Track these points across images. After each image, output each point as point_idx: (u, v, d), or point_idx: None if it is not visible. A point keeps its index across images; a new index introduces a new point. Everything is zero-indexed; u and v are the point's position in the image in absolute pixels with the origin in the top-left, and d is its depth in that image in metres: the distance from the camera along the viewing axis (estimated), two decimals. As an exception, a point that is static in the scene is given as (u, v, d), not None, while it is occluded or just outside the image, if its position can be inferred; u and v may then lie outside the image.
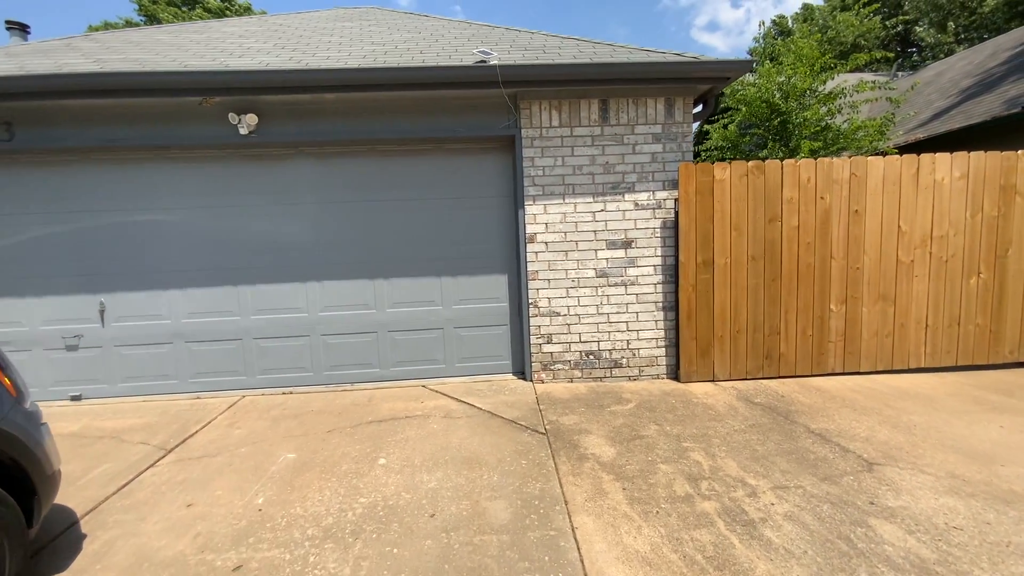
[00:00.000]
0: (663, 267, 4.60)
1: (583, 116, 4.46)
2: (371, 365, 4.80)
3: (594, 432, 3.57)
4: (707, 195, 4.40)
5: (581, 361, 4.64)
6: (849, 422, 3.60)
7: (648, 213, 4.55)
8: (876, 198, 4.42)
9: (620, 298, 4.61)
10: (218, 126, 4.31)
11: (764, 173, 4.39)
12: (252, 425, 3.91)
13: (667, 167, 4.52)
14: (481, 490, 2.85)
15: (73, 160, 4.45)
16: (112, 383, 4.67)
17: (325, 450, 3.43)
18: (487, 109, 4.45)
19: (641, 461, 3.13)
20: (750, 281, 4.48)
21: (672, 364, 4.67)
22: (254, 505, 2.78)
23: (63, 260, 4.54)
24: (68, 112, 4.25)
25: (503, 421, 3.80)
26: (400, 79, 4.05)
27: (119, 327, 4.63)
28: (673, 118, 4.50)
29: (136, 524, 2.66)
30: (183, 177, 4.53)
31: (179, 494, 2.94)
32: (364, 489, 2.90)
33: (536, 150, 4.46)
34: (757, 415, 3.79)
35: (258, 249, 4.62)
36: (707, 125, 9.62)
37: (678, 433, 3.52)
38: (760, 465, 3.03)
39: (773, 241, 4.45)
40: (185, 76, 3.94)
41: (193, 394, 4.65)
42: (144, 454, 3.48)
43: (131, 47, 4.91)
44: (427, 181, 4.68)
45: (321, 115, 4.39)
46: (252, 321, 4.68)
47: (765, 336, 4.53)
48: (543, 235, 4.53)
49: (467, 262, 4.75)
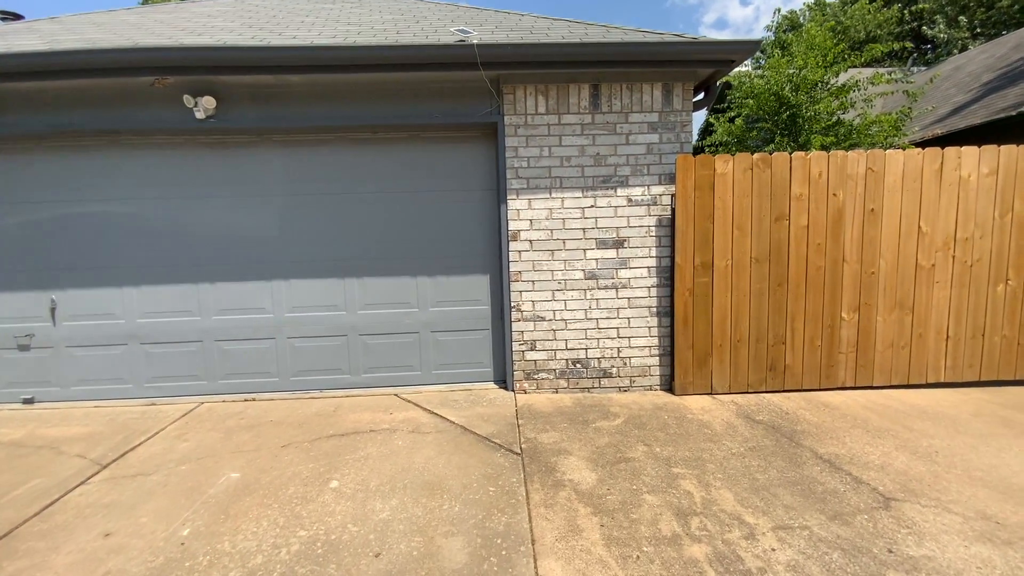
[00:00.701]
0: (658, 269, 4.21)
1: (572, 103, 4.07)
2: (341, 371, 4.45)
3: (575, 453, 3.20)
4: (707, 191, 4.00)
5: (567, 370, 4.27)
6: (862, 446, 3.21)
7: (642, 210, 4.17)
8: (894, 196, 4.01)
9: (611, 302, 4.23)
10: (174, 110, 3.96)
11: (771, 167, 3.99)
12: (202, 437, 3.57)
13: (664, 159, 4.13)
14: (438, 523, 2.49)
15: (25, 148, 4.11)
16: (64, 386, 4.34)
17: (275, 469, 3.08)
18: (467, 94, 4.07)
19: (624, 490, 2.75)
20: (753, 285, 4.09)
21: (666, 375, 4.29)
22: (177, 537, 2.43)
23: (13, 253, 4.21)
24: (20, 96, 3.92)
25: (475, 438, 3.44)
26: (369, 59, 3.68)
27: (71, 326, 4.30)
28: (671, 106, 4.11)
29: (46, 555, 2.33)
30: (137, 165, 4.18)
31: (101, 519, 2.60)
32: (307, 519, 2.55)
33: (520, 139, 4.07)
34: (758, 435, 3.40)
35: (219, 244, 4.27)
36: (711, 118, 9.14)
37: (668, 456, 3.14)
38: (760, 498, 2.65)
39: (780, 242, 4.06)
40: (134, 54, 3.59)
41: (148, 400, 4.31)
42: (78, 469, 3.14)
43: (92, 28, 4.56)
44: (402, 173, 4.31)
45: (286, 100, 4.03)
46: (213, 322, 4.34)
47: (769, 346, 4.14)
48: (527, 232, 4.15)
49: (445, 261, 4.38)
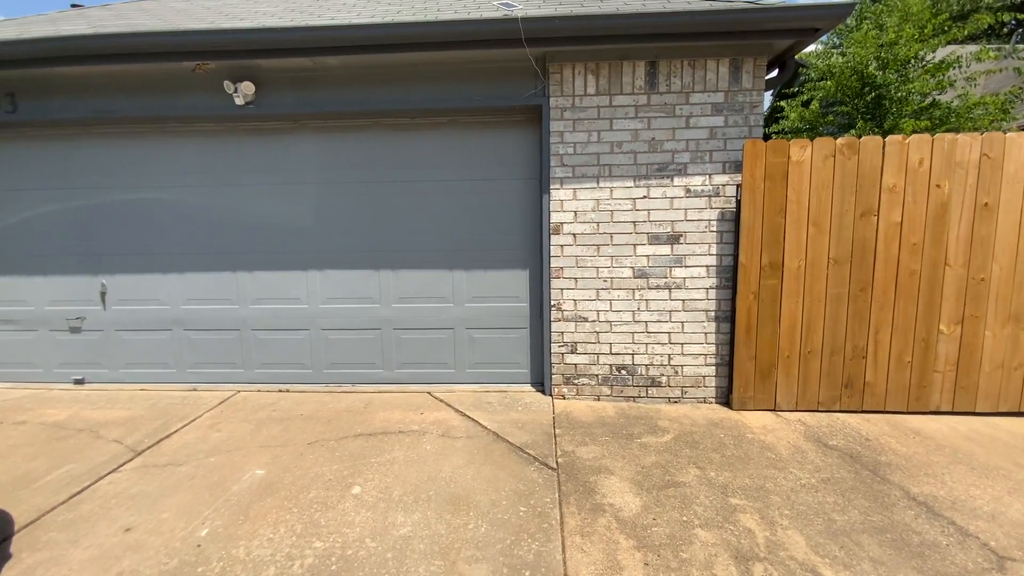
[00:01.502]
0: (718, 269, 3.77)
1: (625, 82, 3.67)
2: (374, 365, 4.32)
3: (617, 472, 2.88)
4: (779, 180, 3.51)
5: (611, 376, 3.93)
6: (965, 487, 2.69)
7: (702, 202, 3.73)
8: (1015, 188, 3.36)
9: (662, 304, 3.84)
10: (215, 96, 3.91)
11: (858, 153, 3.44)
12: (234, 428, 3.52)
13: (729, 145, 3.66)
14: (462, 546, 2.26)
15: (73, 134, 4.22)
16: (113, 368, 4.48)
17: (299, 468, 2.96)
18: (511, 75, 3.77)
19: (673, 522, 2.41)
20: (830, 290, 3.57)
21: (723, 387, 3.86)
22: (195, 538, 2.33)
23: (66, 238, 4.35)
24: (66, 81, 4.00)
25: (508, 447, 3.18)
26: (406, 37, 3.45)
27: (120, 311, 4.41)
28: (740, 84, 3.63)
29: (65, 549, 2.29)
30: (181, 152, 4.19)
31: (125, 512, 2.56)
32: (325, 528, 2.39)
33: (567, 123, 3.73)
34: (833, 465, 2.94)
35: (257, 232, 4.22)
36: (782, 102, 8.28)
37: (725, 483, 2.75)
38: (839, 545, 2.23)
39: (865, 240, 3.51)
40: (173, 37, 3.54)
41: (190, 385, 4.37)
42: (112, 455, 3.16)
43: (139, 14, 4.61)
44: (439, 160, 4.08)
45: (324, 83, 3.89)
46: (250, 311, 4.32)
47: (846, 359, 3.61)
48: (571, 225, 3.82)
49: (482, 254, 4.13)
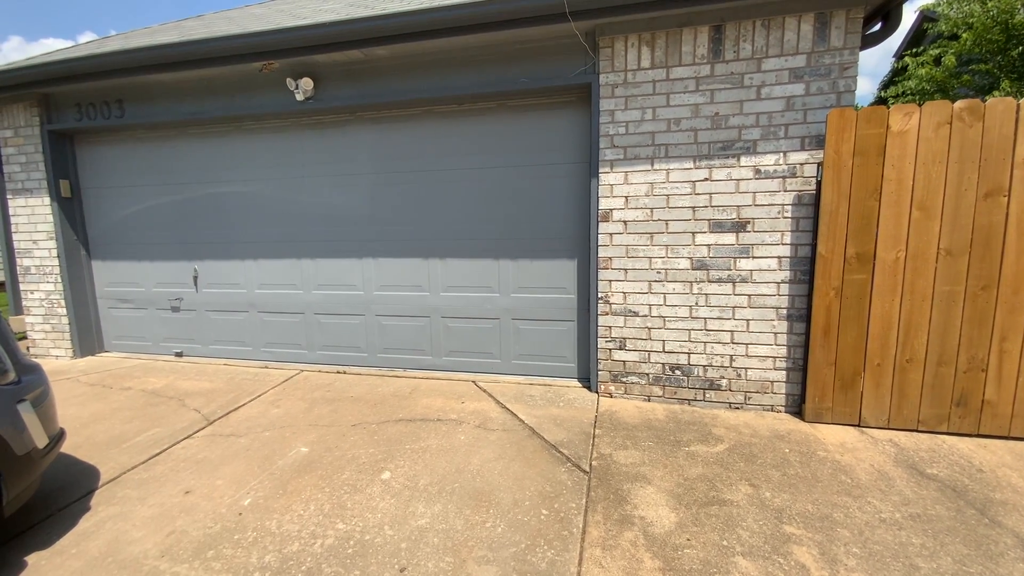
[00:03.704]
0: (792, 260, 3.30)
1: (685, 52, 3.30)
2: (424, 352, 4.40)
3: (655, 482, 2.64)
4: (874, 156, 2.96)
5: (663, 376, 3.63)
6: (1117, 544, 2.10)
7: (774, 184, 3.27)
8: None
9: (724, 299, 3.45)
10: (279, 95, 4.16)
11: (983, 120, 2.79)
12: (290, 406, 3.78)
13: (809, 117, 3.15)
14: (475, 544, 2.19)
15: (170, 135, 4.74)
16: (204, 344, 5.03)
17: (339, 448, 3.09)
18: (558, 53, 3.56)
19: (710, 545, 2.15)
20: (939, 287, 2.96)
21: (795, 394, 3.40)
22: (239, 506, 2.52)
23: (168, 228, 4.93)
24: (163, 87, 4.48)
25: (541, 444, 3.06)
26: (447, 21, 3.37)
27: (209, 293, 4.92)
28: (827, 43, 3.09)
29: (134, 505, 2.58)
30: (254, 148, 4.54)
31: (188, 476, 2.84)
32: (350, 510, 2.46)
33: (618, 101, 3.45)
34: (928, 498, 2.45)
35: (318, 222, 4.47)
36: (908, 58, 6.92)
37: (782, 506, 2.41)
38: (919, 599, 1.84)
39: (989, 228, 2.85)
40: (238, 40, 3.78)
41: (262, 363, 4.78)
42: (190, 422, 3.53)
43: (223, 22, 5.02)
44: (485, 146, 4.00)
45: (375, 75, 3.97)
46: (313, 296, 4.60)
47: (959, 371, 2.99)
48: (621, 212, 3.54)
49: (529, 243, 4.00)
